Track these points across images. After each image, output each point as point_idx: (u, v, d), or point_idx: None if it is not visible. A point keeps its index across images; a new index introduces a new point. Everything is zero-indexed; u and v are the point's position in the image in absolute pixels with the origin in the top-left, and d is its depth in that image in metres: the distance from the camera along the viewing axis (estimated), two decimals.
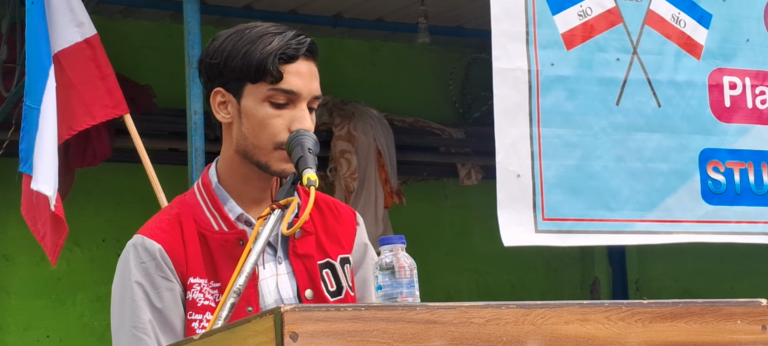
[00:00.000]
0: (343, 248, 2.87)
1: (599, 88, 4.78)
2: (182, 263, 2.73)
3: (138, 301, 2.70)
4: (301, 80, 2.73)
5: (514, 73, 4.65)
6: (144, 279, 2.72)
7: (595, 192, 4.74)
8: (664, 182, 4.84)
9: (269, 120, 2.72)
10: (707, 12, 4.96)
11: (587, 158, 4.74)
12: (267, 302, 2.74)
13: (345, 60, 7.74)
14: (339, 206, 2.94)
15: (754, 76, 5.05)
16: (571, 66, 4.74)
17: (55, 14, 5.19)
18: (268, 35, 2.74)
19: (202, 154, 5.36)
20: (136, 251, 2.75)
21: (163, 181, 5.23)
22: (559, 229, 4.68)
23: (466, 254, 8.14)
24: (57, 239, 5.00)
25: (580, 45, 4.76)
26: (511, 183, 4.62)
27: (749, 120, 5.02)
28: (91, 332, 7.21)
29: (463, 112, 8.02)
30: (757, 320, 2.40)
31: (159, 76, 7.21)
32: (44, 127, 5.01)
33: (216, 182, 2.81)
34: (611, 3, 4.83)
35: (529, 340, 2.21)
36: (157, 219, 2.80)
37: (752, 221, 4.98)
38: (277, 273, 2.78)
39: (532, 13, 4.69)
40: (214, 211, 2.78)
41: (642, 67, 4.85)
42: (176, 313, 2.71)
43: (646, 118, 4.84)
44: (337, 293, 2.81)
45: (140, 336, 2.68)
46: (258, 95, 2.73)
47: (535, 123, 4.67)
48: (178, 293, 2.72)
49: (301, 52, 2.74)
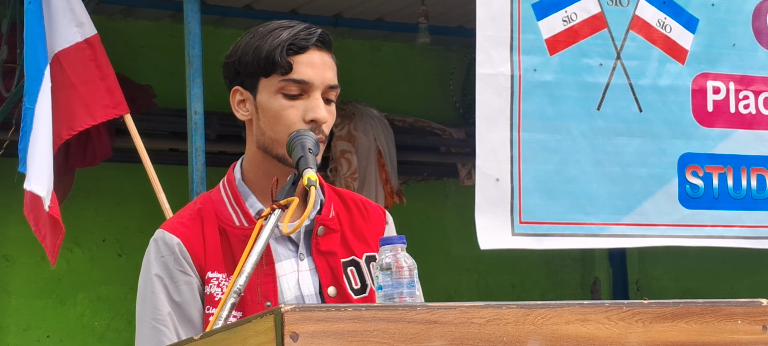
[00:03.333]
0: (370, 246, 2.87)
1: (580, 93, 4.79)
2: (201, 258, 2.75)
3: (158, 294, 2.74)
4: (313, 70, 2.76)
5: (496, 78, 4.67)
6: (163, 273, 2.75)
7: (573, 196, 4.76)
8: (641, 186, 4.86)
9: (283, 112, 2.74)
10: (694, 16, 4.97)
11: (565, 163, 4.76)
12: (286, 297, 2.75)
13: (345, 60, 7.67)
14: (368, 204, 2.95)
15: (738, 80, 5.05)
16: (554, 71, 4.75)
17: (55, 14, 5.19)
18: (278, 29, 2.78)
19: (202, 154, 5.36)
20: (156, 245, 2.78)
21: (163, 181, 5.23)
22: (535, 232, 4.71)
23: (467, 254, 8.12)
24: (55, 240, 5.00)
25: (563, 50, 4.77)
26: (490, 187, 4.66)
27: (731, 125, 5.03)
28: (91, 332, 7.21)
29: (463, 112, 8.02)
30: (758, 320, 2.39)
31: (159, 76, 7.22)
32: (38, 128, 5.01)
33: (239, 179, 2.84)
34: (596, 8, 4.83)
35: (529, 340, 2.21)
36: (180, 214, 2.84)
37: (728, 224, 4.99)
38: (298, 270, 2.79)
39: (517, 19, 4.71)
40: (235, 206, 2.81)
41: (625, 73, 4.86)
42: (195, 306, 2.74)
43: (626, 123, 4.85)
44: (361, 291, 2.81)
45: (160, 328, 2.71)
46: (271, 88, 2.76)
47: (516, 128, 4.69)
48: (196, 286, 2.75)
49: (311, 42, 2.77)
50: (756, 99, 5.07)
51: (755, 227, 5.04)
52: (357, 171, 7.15)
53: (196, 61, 5.40)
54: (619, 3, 4.86)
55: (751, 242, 5.05)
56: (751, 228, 5.03)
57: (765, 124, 5.10)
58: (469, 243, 8.13)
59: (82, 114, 5.17)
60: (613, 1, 4.85)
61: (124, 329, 7.26)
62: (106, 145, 6.41)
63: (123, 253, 7.29)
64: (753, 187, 5.05)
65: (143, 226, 6.84)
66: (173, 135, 7.04)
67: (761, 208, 5.06)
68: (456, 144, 7.81)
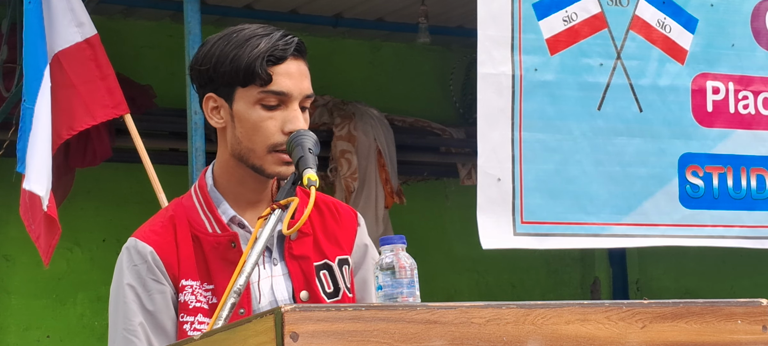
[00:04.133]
0: (342, 249, 2.86)
1: (581, 93, 4.80)
2: (174, 266, 2.73)
3: (129, 303, 2.71)
4: (291, 81, 2.73)
5: (498, 77, 4.67)
6: (136, 282, 2.73)
7: (573, 196, 4.76)
8: (642, 186, 4.86)
9: (262, 123, 2.71)
10: (694, 17, 4.97)
11: (566, 163, 4.76)
12: (261, 304, 2.74)
13: (345, 60, 7.74)
14: (339, 206, 2.93)
15: (737, 80, 5.06)
16: (554, 71, 4.76)
17: (55, 14, 5.19)
18: (255, 37, 2.73)
19: (202, 154, 5.36)
20: (129, 253, 2.76)
21: (163, 181, 5.23)
22: (536, 232, 4.72)
23: (467, 254, 8.12)
24: (50, 240, 4.99)
25: (564, 50, 4.77)
26: (491, 187, 4.66)
27: (730, 125, 5.03)
28: (91, 332, 7.21)
29: (463, 112, 8.02)
30: (758, 320, 2.40)
31: (159, 76, 7.21)
32: (37, 128, 5.00)
33: (211, 185, 2.81)
34: (597, 8, 4.84)
35: (529, 340, 2.21)
36: (151, 222, 2.81)
37: (728, 224, 5.00)
38: (272, 275, 2.77)
39: (518, 19, 4.71)
40: (208, 213, 2.78)
41: (625, 73, 4.86)
42: (167, 315, 2.71)
43: (626, 123, 4.86)
44: (333, 295, 2.80)
45: (131, 339, 2.69)
46: (249, 99, 2.73)
47: (517, 127, 4.69)
48: (170, 295, 2.72)
49: (288, 52, 2.73)
50: (755, 99, 5.08)
51: (755, 227, 5.04)
52: (357, 171, 7.15)
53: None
54: (619, 3, 4.86)
55: (752, 242, 5.06)
56: (751, 228, 5.04)
57: (764, 125, 5.10)
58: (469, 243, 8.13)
59: (82, 114, 5.17)
60: (613, 1, 4.86)
61: None
62: (106, 145, 6.41)
63: None
64: (753, 187, 5.05)
65: None
66: (173, 135, 7.04)
67: (761, 208, 5.06)
68: (456, 144, 7.81)
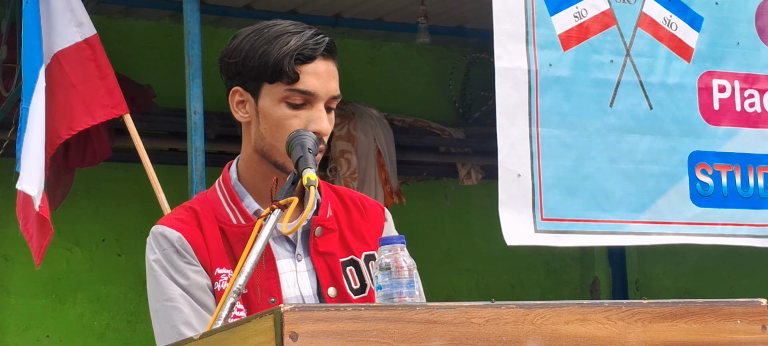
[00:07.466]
0: (368, 245, 2.85)
1: (593, 90, 4.80)
2: (204, 253, 2.73)
3: (162, 280, 2.70)
4: (319, 81, 2.72)
5: (514, 72, 4.66)
6: (166, 262, 2.71)
7: (590, 193, 4.76)
8: (654, 184, 4.86)
9: (286, 121, 2.71)
10: (699, 15, 4.97)
11: (582, 159, 4.76)
12: (287, 295, 2.73)
13: (345, 60, 7.67)
14: (366, 201, 2.92)
15: (743, 79, 5.06)
16: (568, 67, 4.75)
17: (54, 14, 5.19)
18: (286, 34, 2.72)
19: (202, 154, 5.36)
20: (155, 239, 2.75)
21: (163, 181, 5.23)
22: (556, 229, 4.71)
23: (466, 253, 8.14)
24: (42, 240, 4.98)
25: (576, 46, 4.78)
26: (512, 183, 4.64)
27: (737, 123, 5.03)
28: (91, 332, 7.21)
29: (463, 112, 8.03)
30: (757, 320, 2.40)
31: (159, 76, 7.22)
32: (31, 128, 5.00)
33: (235, 179, 2.82)
34: (606, 5, 4.84)
35: (528, 340, 2.21)
36: (176, 211, 2.82)
37: (738, 223, 5.00)
38: (296, 270, 2.77)
39: (532, 13, 4.71)
40: (233, 205, 2.78)
41: (634, 70, 4.86)
42: (202, 290, 2.69)
43: (637, 121, 4.86)
44: (360, 291, 2.79)
45: (173, 306, 2.67)
46: (275, 96, 2.72)
47: (535, 123, 4.69)
48: (204, 274, 2.71)
49: (318, 52, 2.72)
50: (761, 97, 5.08)
51: (764, 226, 5.04)
52: (356, 171, 7.15)
53: (195, 61, 5.40)
54: (626, 0, 4.86)
55: (761, 241, 5.05)
56: (760, 227, 5.03)
57: None
58: (469, 243, 8.18)
59: (81, 114, 5.17)
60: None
61: (124, 329, 7.26)
62: (106, 145, 6.42)
63: (123, 253, 7.29)
64: (760, 185, 5.05)
65: (143, 226, 6.80)
66: (173, 135, 7.04)
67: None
68: (455, 144, 7.81)
